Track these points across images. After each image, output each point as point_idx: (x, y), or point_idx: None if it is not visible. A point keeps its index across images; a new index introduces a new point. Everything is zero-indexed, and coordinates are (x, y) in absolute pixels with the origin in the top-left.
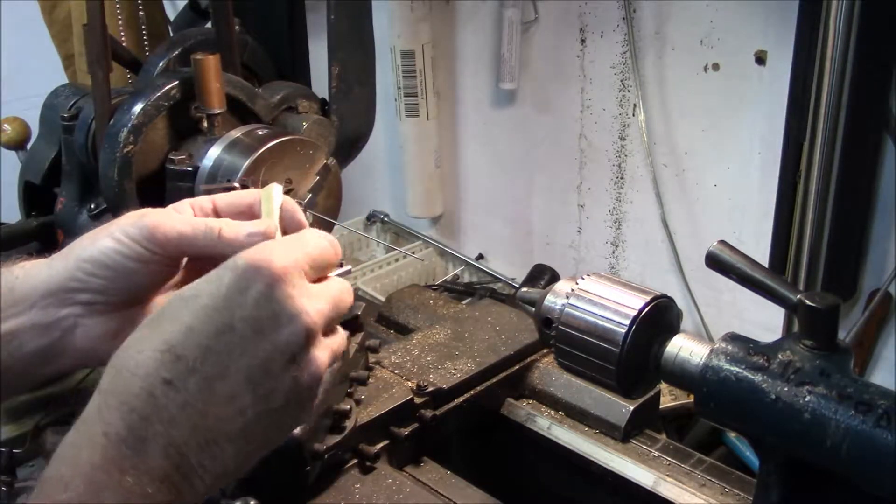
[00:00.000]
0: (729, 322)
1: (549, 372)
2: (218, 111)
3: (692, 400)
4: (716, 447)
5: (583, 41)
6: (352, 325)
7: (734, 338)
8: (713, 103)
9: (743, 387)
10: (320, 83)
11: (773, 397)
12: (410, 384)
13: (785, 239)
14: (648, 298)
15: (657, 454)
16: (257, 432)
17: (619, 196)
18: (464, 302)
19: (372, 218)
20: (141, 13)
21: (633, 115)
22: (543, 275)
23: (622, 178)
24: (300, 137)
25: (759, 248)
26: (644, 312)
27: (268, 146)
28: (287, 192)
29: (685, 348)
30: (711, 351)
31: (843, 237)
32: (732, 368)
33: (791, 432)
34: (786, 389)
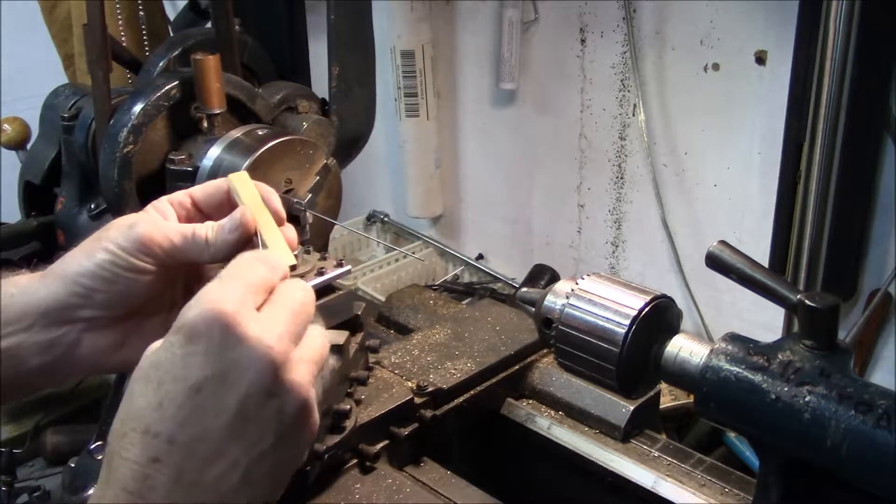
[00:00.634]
0: (729, 322)
1: (549, 372)
2: (218, 111)
3: (692, 400)
4: (716, 447)
5: (583, 41)
6: (352, 325)
7: (734, 338)
8: (713, 103)
9: (743, 387)
10: (320, 83)
11: (773, 397)
12: (410, 384)
13: (785, 239)
14: (648, 298)
15: (657, 454)
16: (261, 475)
17: (619, 196)
18: (464, 302)
19: (372, 218)
20: (141, 13)
21: (633, 115)
22: (543, 275)
23: (622, 178)
24: (300, 137)
25: (759, 248)
26: (644, 312)
27: (268, 146)
28: (287, 192)
29: (685, 348)
30: (711, 351)
31: (843, 237)
32: (732, 368)
33: (791, 432)
34: (786, 389)
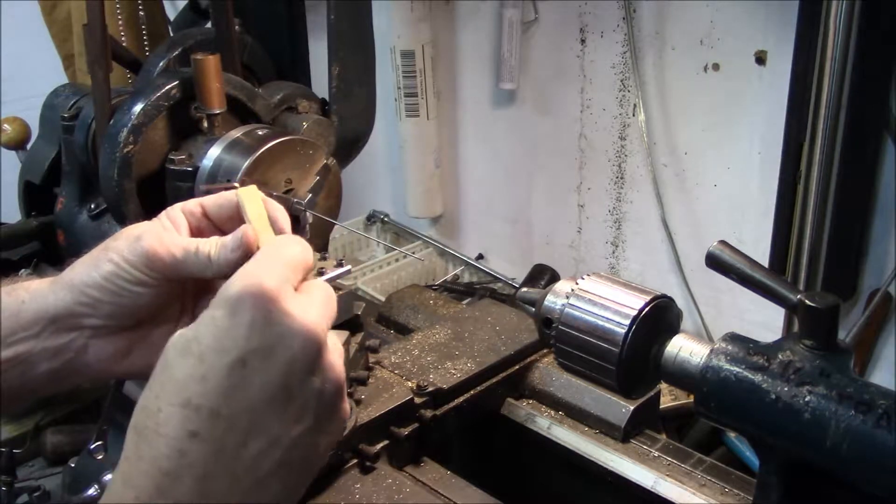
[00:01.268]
0: (729, 322)
1: (549, 372)
2: (218, 111)
3: (692, 400)
4: (716, 447)
5: (583, 41)
6: (352, 325)
7: (734, 338)
8: (713, 103)
9: (743, 387)
10: (320, 83)
11: (773, 397)
12: (410, 384)
13: (785, 239)
14: (648, 298)
15: (657, 454)
16: (297, 461)
17: (619, 196)
18: (464, 302)
19: (372, 218)
20: (141, 13)
21: (633, 115)
22: (543, 275)
23: (622, 178)
24: (300, 137)
25: (759, 248)
26: (644, 312)
27: (268, 146)
28: (287, 192)
29: (685, 348)
30: (711, 351)
31: (843, 237)
32: (732, 368)
33: (791, 432)
34: (786, 389)
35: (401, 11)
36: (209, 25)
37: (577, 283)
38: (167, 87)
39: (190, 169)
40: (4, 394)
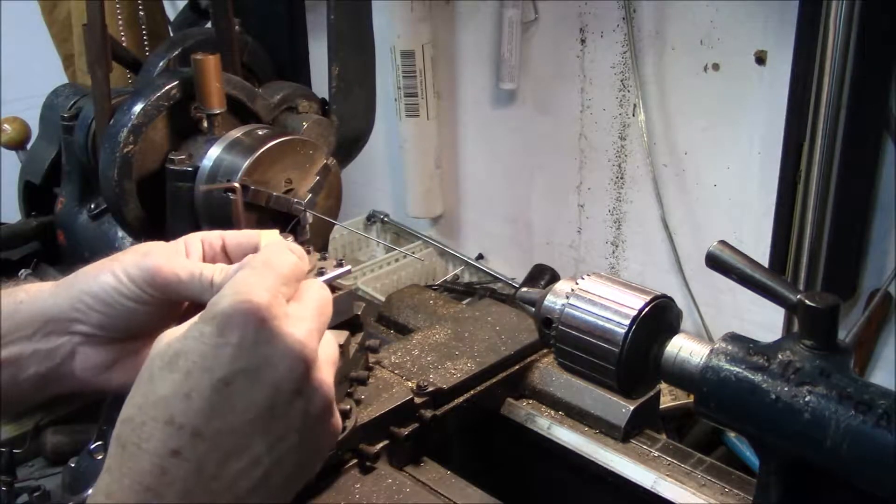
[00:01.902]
0: (729, 322)
1: (549, 372)
2: (218, 111)
3: (692, 400)
4: (716, 447)
5: (583, 41)
6: (352, 325)
7: (734, 338)
8: (713, 103)
9: (743, 387)
10: (320, 83)
11: (773, 397)
12: (410, 384)
13: (785, 239)
14: (648, 298)
15: (657, 454)
16: (280, 477)
17: (619, 196)
18: (464, 302)
19: (372, 218)
20: (141, 13)
21: (633, 115)
22: (543, 275)
23: (622, 178)
24: (300, 137)
25: (759, 248)
26: (644, 312)
27: (268, 146)
28: (287, 192)
29: (685, 348)
30: (711, 351)
31: (843, 237)
32: (732, 368)
33: (791, 432)
34: (786, 389)
35: (401, 11)
36: (209, 25)
37: (577, 283)
38: (167, 87)
39: (190, 169)
40: None
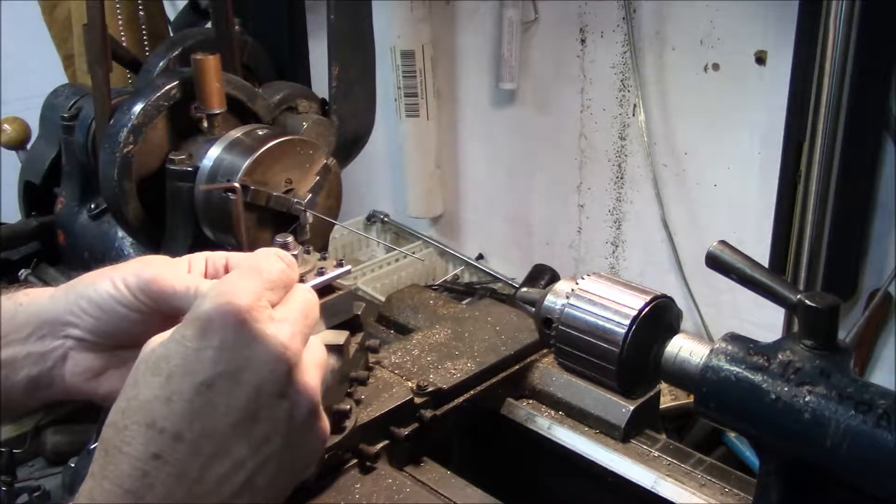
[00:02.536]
0: (729, 322)
1: (549, 372)
2: (218, 111)
3: (692, 400)
4: (716, 447)
5: (583, 41)
6: (352, 325)
7: (734, 338)
8: (713, 103)
9: (743, 387)
10: (320, 83)
11: (773, 397)
12: (410, 384)
13: (785, 239)
14: (648, 298)
15: (657, 454)
16: (265, 481)
17: (619, 196)
18: (464, 302)
19: (372, 218)
20: (141, 13)
21: (633, 115)
22: (543, 275)
23: (622, 178)
24: (300, 137)
25: (759, 248)
26: (644, 312)
27: (268, 146)
28: (287, 192)
29: (685, 348)
30: (711, 351)
31: (843, 237)
32: (732, 368)
33: (791, 432)
34: (786, 389)
35: (401, 11)
36: (209, 25)
37: (577, 283)
38: (167, 87)
39: (190, 169)
40: None
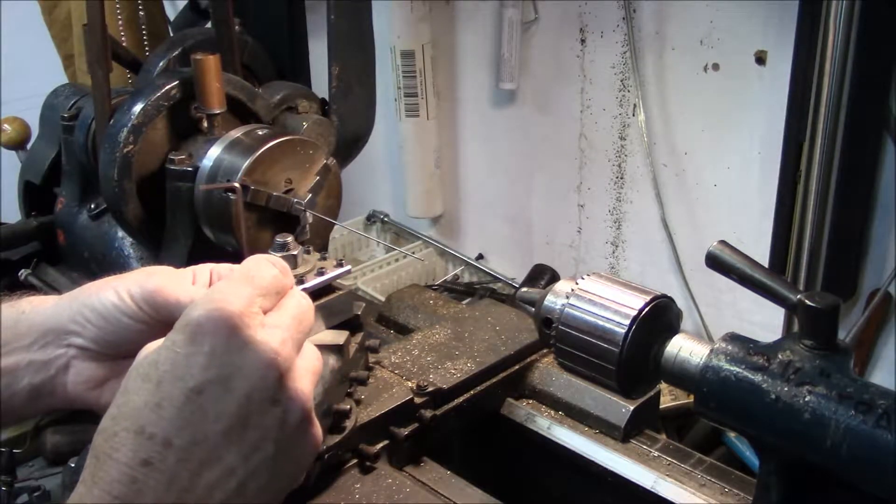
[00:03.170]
0: (729, 322)
1: (549, 372)
2: (218, 111)
3: (692, 400)
4: (716, 447)
5: (583, 41)
6: (352, 325)
7: (734, 338)
8: (713, 103)
9: (743, 387)
10: (320, 83)
11: (773, 397)
12: (410, 384)
13: (785, 239)
14: (648, 298)
15: (657, 454)
16: (257, 488)
17: (619, 196)
18: (464, 302)
19: (372, 218)
20: (141, 13)
21: (633, 115)
22: (543, 275)
23: (622, 178)
24: (300, 137)
25: (759, 248)
26: (644, 312)
27: (268, 146)
28: (287, 192)
29: (685, 348)
30: (711, 351)
31: (843, 237)
32: (732, 368)
33: (791, 432)
34: (786, 389)
35: (401, 11)
36: (209, 25)
37: (577, 283)
38: (167, 87)
39: (190, 169)
40: None
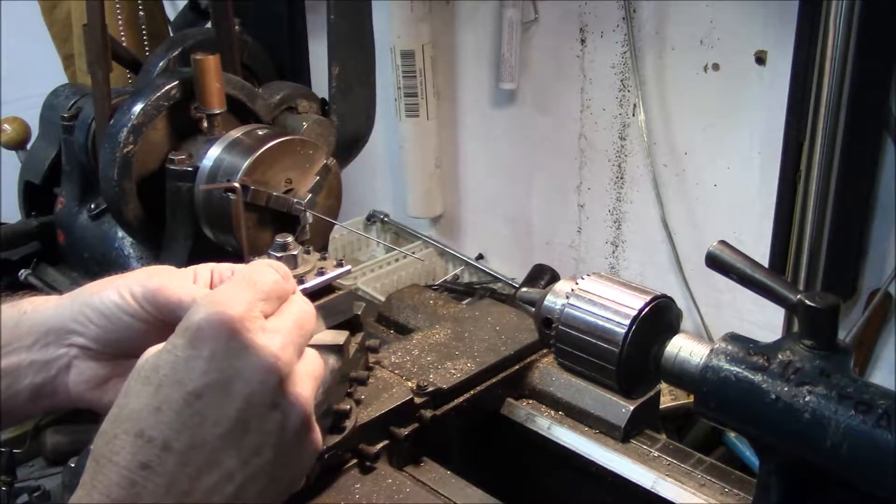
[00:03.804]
0: (729, 322)
1: (549, 372)
2: (218, 111)
3: (692, 400)
4: (716, 447)
5: (583, 41)
6: (352, 325)
7: (734, 338)
8: (713, 103)
9: (743, 387)
10: (320, 83)
11: (773, 397)
12: (410, 384)
13: (785, 239)
14: (648, 298)
15: (657, 454)
16: (255, 493)
17: (619, 196)
18: (464, 302)
19: (372, 218)
20: (141, 13)
21: (633, 115)
22: (543, 275)
23: (622, 178)
24: (300, 137)
25: (759, 248)
26: (644, 312)
27: (268, 146)
28: (287, 192)
29: (685, 348)
30: (711, 351)
31: (843, 237)
32: (732, 368)
33: (791, 432)
34: (786, 389)
35: (401, 11)
36: (209, 25)
37: (577, 283)
38: (167, 87)
39: (190, 169)
40: None
